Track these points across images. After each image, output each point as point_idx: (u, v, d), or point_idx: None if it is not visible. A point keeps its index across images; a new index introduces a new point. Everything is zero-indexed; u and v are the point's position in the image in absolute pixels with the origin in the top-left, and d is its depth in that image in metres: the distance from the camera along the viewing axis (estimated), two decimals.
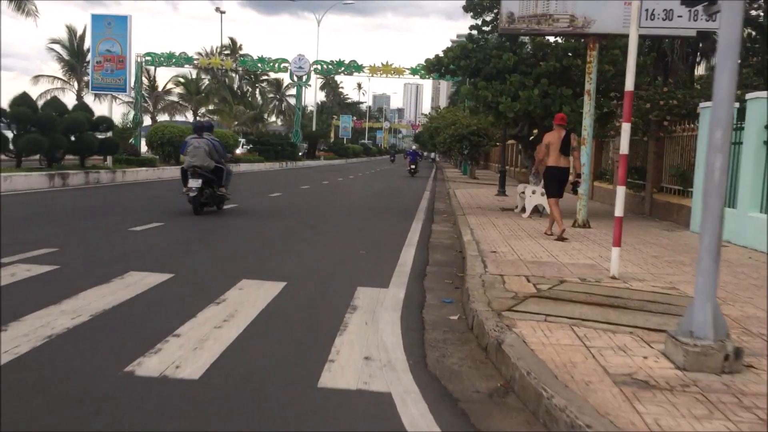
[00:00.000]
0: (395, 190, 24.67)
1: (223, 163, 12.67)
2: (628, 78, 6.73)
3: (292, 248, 9.07)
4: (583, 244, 9.59)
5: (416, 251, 9.22)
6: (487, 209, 15.38)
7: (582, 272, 7.25)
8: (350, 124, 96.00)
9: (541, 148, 10.87)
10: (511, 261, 7.85)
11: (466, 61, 14.30)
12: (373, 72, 47.71)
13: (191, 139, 12.51)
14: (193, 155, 12.19)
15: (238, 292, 6.09)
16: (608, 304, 5.65)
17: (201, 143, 12.29)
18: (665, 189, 14.40)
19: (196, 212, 12.04)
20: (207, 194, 12.26)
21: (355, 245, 9.60)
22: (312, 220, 12.75)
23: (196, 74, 63.02)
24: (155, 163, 22.83)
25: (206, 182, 12.16)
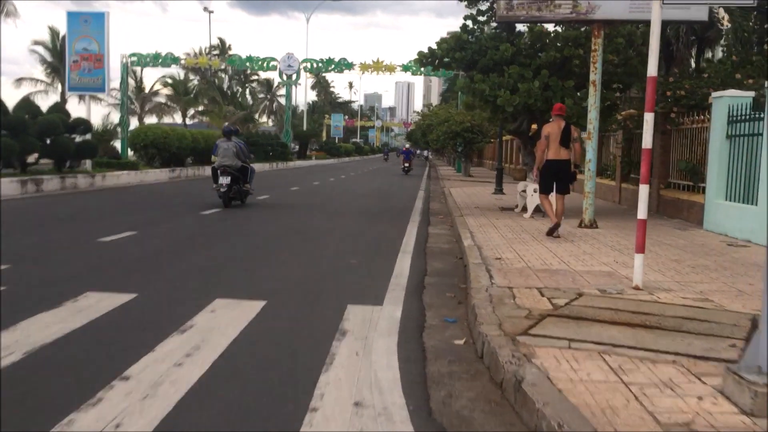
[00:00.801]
0: (389, 189, 23.86)
1: (247, 163, 14.46)
2: (651, 62, 5.94)
3: (276, 258, 8.24)
4: (594, 248, 8.79)
5: (413, 259, 8.41)
6: (485, 209, 14.58)
7: (600, 282, 6.45)
8: (342, 123, 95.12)
9: (542, 141, 10.14)
10: (518, 269, 7.04)
11: (461, 53, 13.49)
12: (364, 69, 46.77)
13: (221, 142, 14.33)
14: (223, 156, 14.04)
15: (209, 316, 5.26)
16: (639, 323, 4.84)
17: (229, 146, 14.18)
18: (673, 185, 13.63)
19: (225, 206, 13.81)
20: (234, 190, 14.04)
21: (345, 253, 8.79)
22: (300, 224, 11.93)
23: (184, 75, 62.07)
24: (138, 166, 21.94)
25: (234, 179, 13.94)
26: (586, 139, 11.11)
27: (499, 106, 12.97)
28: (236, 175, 13.99)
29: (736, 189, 10.46)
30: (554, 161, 9.95)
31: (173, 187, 20.65)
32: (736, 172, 10.50)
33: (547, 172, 10.05)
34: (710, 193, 11.16)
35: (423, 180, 31.83)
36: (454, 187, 23.39)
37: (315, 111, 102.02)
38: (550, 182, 10.11)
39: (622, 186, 16.82)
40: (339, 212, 14.52)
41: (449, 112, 37.55)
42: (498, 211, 14.07)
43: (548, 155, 9.94)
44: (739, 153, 10.44)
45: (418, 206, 16.44)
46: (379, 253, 8.83)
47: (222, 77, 72.37)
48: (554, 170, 9.98)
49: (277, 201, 16.92)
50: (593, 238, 9.75)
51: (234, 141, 14.31)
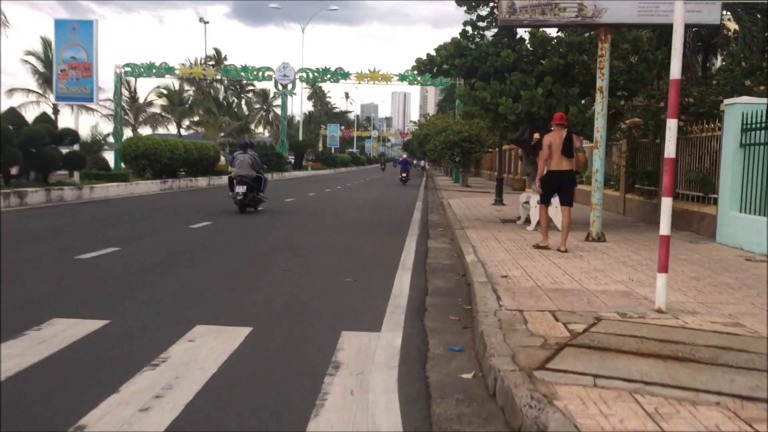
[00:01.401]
0: (386, 200, 23.33)
1: (261, 174, 16.06)
2: (674, 63, 5.43)
3: (266, 276, 7.68)
4: (605, 264, 8.26)
5: (412, 276, 7.86)
6: (486, 221, 14.05)
7: (617, 303, 5.91)
8: (338, 134, 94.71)
9: (544, 151, 9.70)
10: (527, 289, 6.50)
11: (461, 60, 12.99)
12: (360, 79, 46.45)
13: (238, 154, 15.99)
14: (239, 167, 15.55)
15: (187, 347, 4.71)
16: (671, 354, 4.30)
17: (245, 158, 15.78)
18: (681, 196, 13.13)
19: (241, 211, 15.35)
20: (249, 197, 15.52)
21: (341, 270, 8.24)
22: (292, 238, 11.38)
23: (179, 85, 61.63)
24: (128, 178, 21.36)
25: (249, 188, 15.42)
26: (593, 148, 10.60)
27: (500, 115, 12.47)
28: (251, 184, 15.52)
29: (751, 200, 9.95)
30: (556, 172, 9.54)
31: (164, 200, 20.09)
32: (751, 183, 9.99)
33: (548, 183, 9.67)
34: (723, 204, 10.65)
35: (420, 190, 31.33)
36: (453, 198, 22.88)
37: (311, 121, 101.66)
38: (550, 193, 9.74)
39: (627, 197, 16.32)
40: (334, 225, 13.99)
41: (447, 122, 37.13)
42: (500, 224, 13.55)
43: (550, 166, 9.56)
44: (754, 162, 9.94)
45: (417, 218, 15.91)
46: (376, 270, 8.29)
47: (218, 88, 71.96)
48: (556, 181, 9.60)
49: (271, 214, 16.36)
50: (603, 253, 9.22)
51: (250, 153, 15.98)
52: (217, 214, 15.76)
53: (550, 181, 9.62)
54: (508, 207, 18.63)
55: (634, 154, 15.84)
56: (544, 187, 9.70)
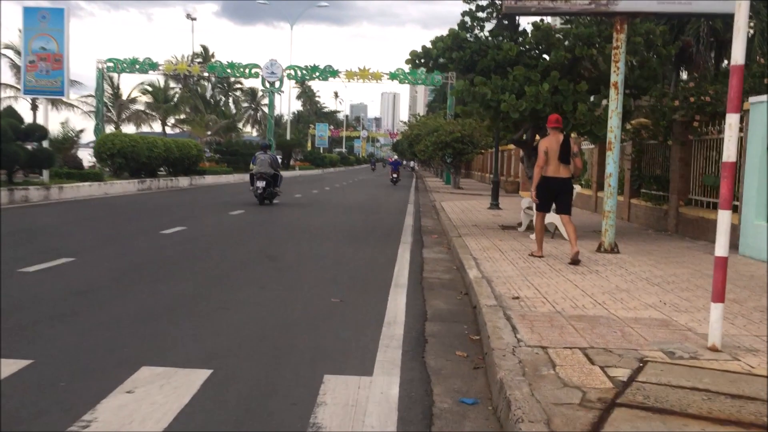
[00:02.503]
0: (376, 203, 22.27)
1: (278, 171, 18.44)
2: (736, 47, 4.43)
3: (237, 296, 6.61)
4: (627, 281, 7.26)
5: (408, 295, 6.82)
6: (484, 227, 13.04)
7: (658, 337, 4.90)
8: (327, 133, 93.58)
9: (541, 156, 8.87)
10: (546, 316, 5.48)
11: (459, 53, 11.97)
12: (349, 77, 45.34)
13: (259, 154, 18.36)
14: (260, 165, 17.98)
15: (123, 401, 3.64)
16: (753, 420, 3.29)
17: (265, 157, 18.18)
18: (695, 202, 12.18)
19: (261, 203, 17.76)
20: (268, 192, 17.96)
21: (326, 287, 7.19)
22: (274, 247, 10.31)
23: (164, 82, 60.27)
24: (102, 177, 20.12)
25: (267, 183, 17.86)
26: (607, 150, 9.62)
27: (501, 113, 11.46)
28: (269, 180, 17.96)
29: None
30: (553, 179, 8.76)
31: (140, 201, 18.93)
32: None
33: (545, 190, 8.87)
34: (747, 212, 9.69)
35: (411, 192, 30.31)
36: (446, 201, 21.87)
37: (300, 121, 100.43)
38: (548, 202, 8.99)
39: (632, 202, 15.38)
40: (320, 232, 12.93)
41: (438, 122, 36.14)
42: (499, 230, 12.54)
43: (547, 172, 8.78)
44: None
45: (409, 223, 14.87)
46: (366, 287, 7.25)
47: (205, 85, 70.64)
48: (554, 189, 8.83)
49: (252, 217, 15.28)
50: (620, 267, 8.23)
51: (269, 154, 18.43)
52: (193, 217, 14.68)
53: (548, 189, 8.87)
54: (506, 211, 17.65)
55: (641, 156, 14.91)
56: (541, 195, 8.94)
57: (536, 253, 8.94)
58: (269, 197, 18.19)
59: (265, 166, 17.93)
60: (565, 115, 11.21)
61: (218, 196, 22.66)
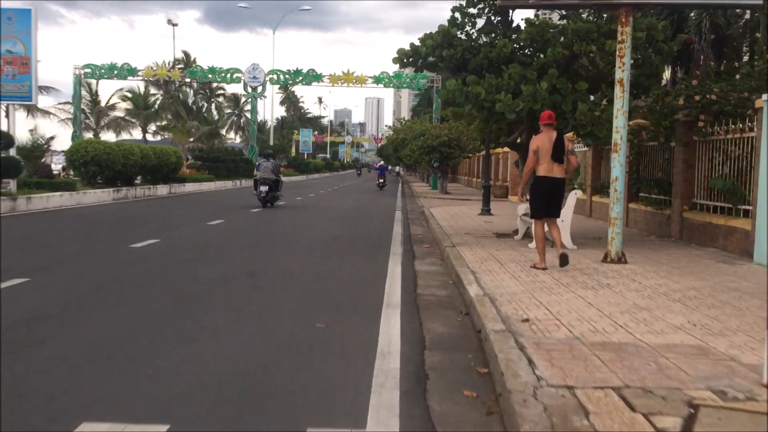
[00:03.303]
0: (363, 210, 21.50)
1: (279, 177, 20.29)
2: None
3: (208, 323, 5.80)
4: (644, 297, 6.55)
5: (402, 317, 6.06)
6: (478, 235, 12.32)
7: (700, 369, 4.17)
8: (311, 139, 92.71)
9: (530, 156, 8.30)
10: (564, 343, 4.74)
11: (450, 51, 11.27)
12: (333, 81, 44.63)
13: (263, 162, 20.28)
14: (263, 171, 19.74)
15: None
16: None
17: (268, 164, 20.04)
18: (700, 206, 11.54)
19: (263, 206, 19.40)
20: (270, 195, 19.67)
21: (309, 308, 6.41)
22: (253, 261, 9.51)
23: (144, 88, 59.17)
24: (74, 187, 19.17)
25: (270, 188, 19.57)
26: (612, 153, 8.94)
27: (495, 114, 10.76)
28: (272, 185, 19.68)
29: None
30: (547, 179, 8.18)
31: (114, 211, 18.01)
32: None
33: (539, 192, 8.28)
34: (762, 219, 9.02)
35: (398, 198, 29.59)
36: (434, 207, 21.15)
37: (284, 126, 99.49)
38: (543, 205, 8.32)
39: (630, 207, 14.73)
40: (305, 243, 12.14)
41: (424, 126, 35.49)
42: (494, 239, 11.82)
43: (539, 171, 8.21)
44: None
45: (398, 231, 14.12)
46: (355, 308, 6.47)
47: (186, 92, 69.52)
48: (548, 190, 8.23)
49: (232, 227, 14.46)
50: (632, 280, 7.52)
51: (271, 161, 20.33)
52: (169, 228, 13.83)
53: (542, 190, 8.26)
54: (498, 217, 16.96)
55: (639, 159, 14.27)
56: (535, 198, 8.33)
57: (539, 265, 8.24)
58: (271, 200, 19.89)
59: (268, 173, 19.72)
60: (565, 115, 10.54)
61: (198, 204, 21.79)
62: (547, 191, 8.29)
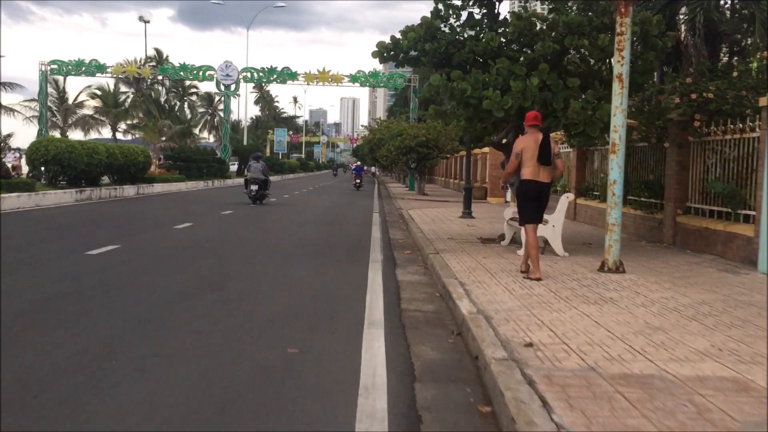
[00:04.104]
0: (339, 212, 20.73)
1: (268, 177, 21.94)
2: None
3: (163, 346, 5.01)
4: (654, 313, 5.90)
5: (387, 340, 5.32)
6: (462, 241, 11.64)
7: (744, 409, 3.51)
8: (286, 138, 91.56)
9: (512, 159, 7.87)
10: (579, 375, 4.05)
11: (433, 44, 10.58)
12: (309, 80, 43.74)
13: (253, 163, 22.00)
14: (253, 172, 21.50)
15: None
16: None
17: (258, 165, 21.69)
18: (694, 210, 11.00)
19: (253, 203, 21.17)
20: (259, 193, 21.29)
21: (281, 328, 5.65)
22: (220, 270, 8.70)
23: (114, 85, 57.68)
24: (33, 187, 18.11)
25: (259, 187, 21.25)
26: (610, 153, 8.31)
27: (482, 112, 10.10)
28: (261, 184, 21.48)
29: None
30: (532, 182, 7.71)
31: (75, 214, 17.00)
32: None
33: (526, 195, 7.81)
34: (766, 224, 8.47)
35: (374, 199, 28.85)
36: (413, 209, 20.45)
37: (258, 126, 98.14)
38: (531, 207, 7.82)
39: None
40: (277, 249, 11.35)
41: (402, 126, 34.83)
42: (479, 245, 11.15)
43: (524, 175, 7.72)
44: None
45: (376, 236, 13.38)
46: (333, 327, 5.72)
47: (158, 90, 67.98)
48: (535, 193, 7.78)
49: (201, 232, 13.61)
50: (635, 293, 6.88)
51: (261, 163, 21.95)
52: (131, 232, 12.92)
53: (529, 194, 7.79)
54: (480, 220, 16.33)
55: (627, 160, 13.68)
56: (523, 202, 7.84)
57: (533, 276, 7.59)
58: (260, 198, 21.60)
59: (258, 173, 21.54)
60: (556, 113, 9.92)
61: (166, 206, 20.83)
62: (533, 195, 7.79)
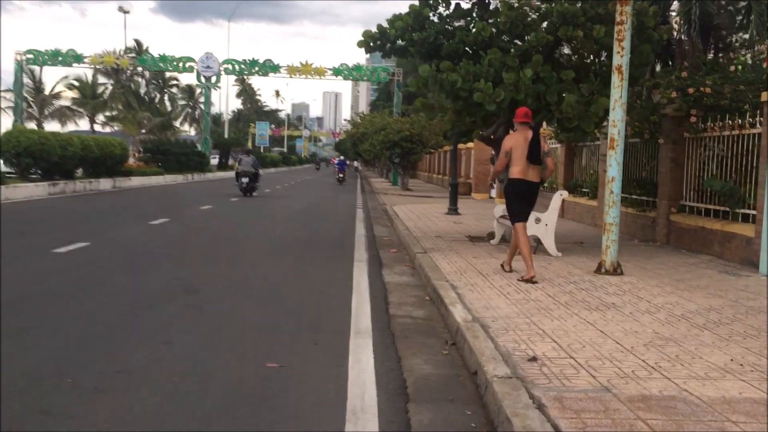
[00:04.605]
0: (322, 208, 20.22)
1: (258, 171, 23.33)
2: None
3: (128, 360, 4.51)
4: (661, 321, 5.50)
5: (375, 352, 4.86)
6: (450, 239, 11.21)
7: None
8: (268, 132, 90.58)
9: (501, 157, 7.57)
10: (592, 397, 3.62)
11: (421, 34, 10.12)
12: (291, 72, 43.08)
13: (244, 157, 23.63)
14: (244, 165, 23.02)
15: None
16: None
17: (248, 159, 23.21)
18: (689, 209, 10.66)
19: (244, 195, 22.57)
20: (249, 186, 22.81)
21: (259, 339, 5.17)
22: (196, 270, 8.18)
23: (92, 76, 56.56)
24: (2, 180, 17.38)
25: (250, 180, 22.81)
26: (608, 149, 7.91)
27: (472, 105, 9.66)
28: (251, 177, 22.89)
29: None
30: (521, 182, 7.41)
31: (46, 208, 16.34)
32: None
33: (515, 193, 7.51)
34: None
35: (358, 194, 28.39)
36: (397, 205, 20.00)
37: (240, 119, 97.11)
38: (521, 206, 7.53)
39: None
40: (257, 246, 10.83)
41: (386, 120, 34.33)
42: (468, 243, 10.72)
43: (513, 173, 7.42)
44: None
45: (360, 233, 12.92)
46: (315, 338, 5.25)
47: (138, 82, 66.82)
48: (525, 193, 7.50)
49: (177, 228, 13.05)
50: (638, 297, 6.49)
51: (251, 157, 23.51)
52: (103, 229, 12.34)
53: (518, 192, 7.49)
54: (466, 217, 15.92)
55: None
56: (512, 199, 7.55)
57: (526, 276, 7.20)
58: (250, 190, 23.00)
59: (248, 167, 23.01)
60: (549, 107, 9.51)
61: (143, 200, 20.20)
62: (522, 195, 7.48)
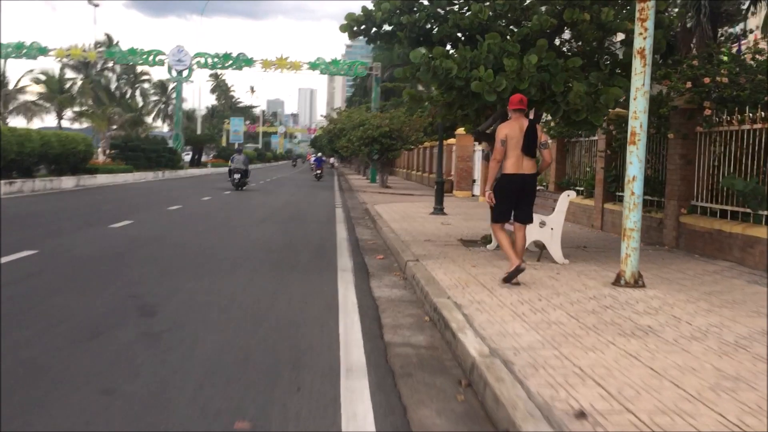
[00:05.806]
0: (299, 207, 19.11)
1: (248, 168, 26.28)
2: None
3: (54, 414, 3.45)
4: (715, 352, 4.57)
5: (374, 401, 3.84)
6: (441, 244, 10.23)
7: None
8: (242, 128, 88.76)
9: (497, 147, 6.87)
10: None
11: (411, 17, 9.12)
12: (266, 66, 41.80)
13: (236, 155, 26.67)
14: (236, 163, 25.91)
15: None
16: None
17: (240, 157, 26.18)
18: (701, 210, 9.81)
19: (236, 189, 25.27)
20: (241, 181, 25.61)
21: (225, 381, 4.11)
22: (155, 285, 7.07)
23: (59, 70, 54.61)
24: None
25: (241, 176, 25.63)
26: (629, 144, 6.98)
27: (469, 95, 8.67)
28: (243, 173, 25.44)
29: None
30: (515, 176, 6.91)
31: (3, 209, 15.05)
32: None
33: (505, 191, 6.91)
34: None
35: (336, 192, 27.34)
36: (378, 204, 18.99)
37: (214, 115, 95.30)
38: (508, 206, 6.98)
39: (605, 207, 13.03)
40: (228, 254, 9.73)
41: (364, 115, 33.29)
42: (462, 248, 9.75)
43: (505, 168, 6.89)
44: None
45: (343, 236, 11.88)
46: (297, 378, 4.21)
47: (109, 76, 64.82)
48: (516, 189, 6.90)
49: (141, 231, 11.89)
50: (673, 318, 5.56)
51: (243, 156, 26.18)
52: (57, 233, 11.15)
53: (509, 190, 6.90)
54: (454, 217, 14.96)
55: (617, 152, 12.50)
56: (501, 198, 6.93)
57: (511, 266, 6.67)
58: (241, 185, 25.50)
59: (240, 164, 25.58)
60: (554, 97, 8.56)
61: (106, 201, 18.92)
62: (516, 191, 6.87)
